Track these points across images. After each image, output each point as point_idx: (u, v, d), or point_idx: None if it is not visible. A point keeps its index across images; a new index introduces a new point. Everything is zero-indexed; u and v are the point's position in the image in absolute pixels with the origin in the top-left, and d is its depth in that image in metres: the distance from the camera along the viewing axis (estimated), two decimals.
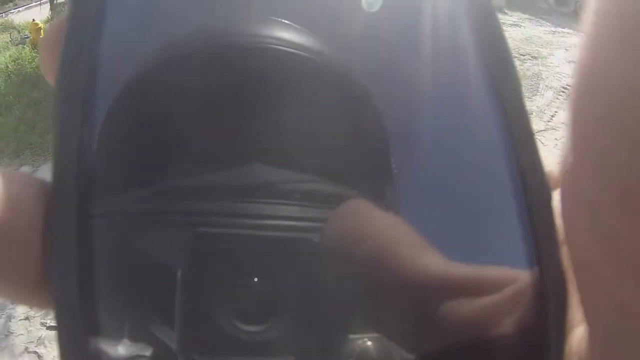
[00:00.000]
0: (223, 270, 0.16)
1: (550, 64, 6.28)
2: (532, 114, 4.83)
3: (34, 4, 9.52)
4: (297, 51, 0.18)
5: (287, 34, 0.18)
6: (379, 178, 0.18)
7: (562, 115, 4.88)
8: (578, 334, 0.16)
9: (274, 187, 0.17)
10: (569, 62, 6.44)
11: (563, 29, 8.07)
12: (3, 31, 8.26)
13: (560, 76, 5.87)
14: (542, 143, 4.25)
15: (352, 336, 0.16)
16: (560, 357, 0.16)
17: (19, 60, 6.43)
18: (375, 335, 0.16)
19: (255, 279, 0.16)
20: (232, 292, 0.16)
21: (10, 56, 6.72)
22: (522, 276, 0.17)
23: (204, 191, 0.17)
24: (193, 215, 0.16)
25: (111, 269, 0.16)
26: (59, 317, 0.15)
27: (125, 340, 0.15)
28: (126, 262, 0.16)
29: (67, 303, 0.15)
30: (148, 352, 0.15)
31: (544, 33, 7.54)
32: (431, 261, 0.17)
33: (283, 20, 0.19)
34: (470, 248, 0.18)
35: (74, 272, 0.15)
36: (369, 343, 0.16)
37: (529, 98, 5.16)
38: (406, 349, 0.16)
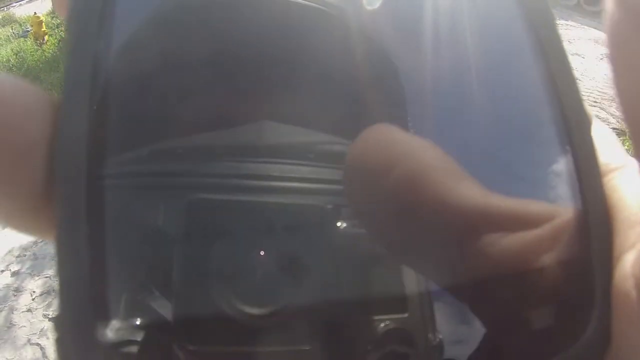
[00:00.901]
0: (227, 241, 0.14)
1: None
2: None
3: None
4: (312, 4, 0.17)
5: None
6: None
7: None
8: (631, 257, 0.15)
9: (286, 147, 0.15)
10: (573, 54, 6.40)
11: (566, 22, 8.03)
12: (5, 24, 8.24)
13: None
14: None
15: (374, 318, 0.14)
16: (607, 285, 0.15)
17: (21, 54, 6.42)
18: (398, 317, 0.14)
19: (262, 252, 0.13)
20: (236, 268, 0.13)
21: (12, 49, 6.71)
22: (564, 209, 0.16)
23: (210, 152, 0.15)
24: (197, 177, 0.15)
25: (117, 231, 0.15)
26: (61, 270, 0.14)
27: (124, 314, 0.13)
28: (130, 225, 0.15)
29: (72, 266, 0.14)
30: (141, 336, 0.13)
31: None
32: (471, 191, 0.15)
33: None
34: (511, 182, 0.16)
35: (81, 236, 0.14)
36: (392, 327, 0.14)
37: None
38: (440, 282, 0.15)
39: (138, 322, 0.13)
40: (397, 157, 0.15)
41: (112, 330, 0.13)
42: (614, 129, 4.15)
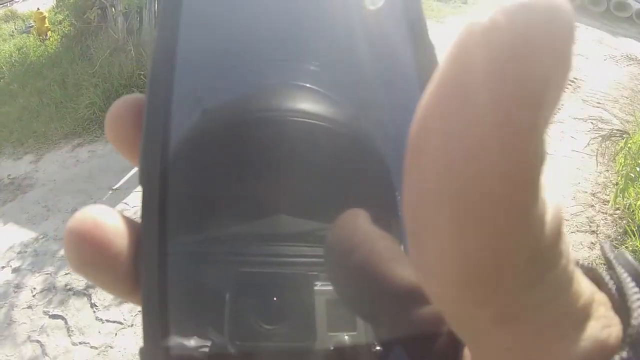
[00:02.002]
0: (256, 293, 0.23)
1: None
2: None
3: None
4: (316, 122, 0.25)
5: (306, 104, 0.25)
6: (386, 221, 0.24)
7: (569, 109, 4.85)
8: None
9: (295, 234, 0.24)
10: (576, 55, 6.39)
11: None
12: (7, 20, 8.24)
13: None
14: (548, 136, 4.19)
15: (334, 333, 0.23)
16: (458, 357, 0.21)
17: (24, 49, 6.42)
18: (351, 333, 0.23)
19: (275, 299, 0.23)
20: (261, 306, 0.23)
21: (14, 45, 6.71)
22: None
23: (246, 237, 0.24)
24: (238, 255, 0.24)
25: (182, 291, 0.23)
26: (145, 323, 0.22)
27: (194, 338, 0.22)
28: (192, 287, 0.24)
29: (152, 317, 0.22)
30: (208, 344, 0.22)
31: None
32: (403, 274, 0.22)
33: (305, 85, 0.26)
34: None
35: (157, 299, 0.22)
36: (346, 337, 0.23)
37: None
38: (376, 337, 0.23)
39: (203, 340, 0.23)
40: (358, 243, 0.22)
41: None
42: (617, 130, 4.13)
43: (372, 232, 0.23)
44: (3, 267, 3.16)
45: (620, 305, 0.19)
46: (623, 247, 2.94)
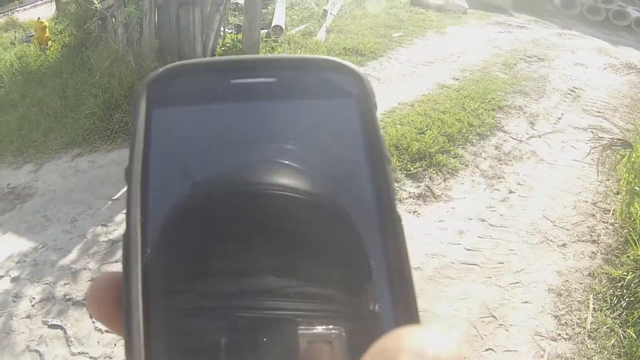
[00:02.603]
0: (246, 335, 0.28)
1: (557, 65, 6.25)
2: (538, 116, 4.79)
3: (39, 2, 9.51)
4: (295, 195, 0.31)
5: (284, 178, 0.32)
6: (356, 279, 0.30)
7: (569, 118, 4.86)
8: None
9: (278, 291, 0.29)
10: (576, 64, 6.41)
11: (569, 31, 8.05)
12: (8, 29, 8.26)
13: (567, 78, 5.82)
14: (549, 145, 4.23)
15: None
16: None
17: (24, 59, 6.43)
18: None
19: (265, 339, 0.28)
20: (250, 346, 0.28)
21: (15, 54, 6.72)
22: None
23: (236, 293, 0.29)
24: (229, 310, 0.29)
25: (176, 343, 0.28)
26: None
27: None
28: (188, 338, 0.28)
29: None
30: None
31: (551, 35, 7.52)
32: None
33: (284, 162, 0.32)
34: None
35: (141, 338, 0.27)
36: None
37: (535, 100, 5.13)
38: None
39: None
40: None
41: None
42: (617, 139, 4.13)
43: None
44: (2, 277, 3.14)
45: None
46: (625, 256, 2.93)
